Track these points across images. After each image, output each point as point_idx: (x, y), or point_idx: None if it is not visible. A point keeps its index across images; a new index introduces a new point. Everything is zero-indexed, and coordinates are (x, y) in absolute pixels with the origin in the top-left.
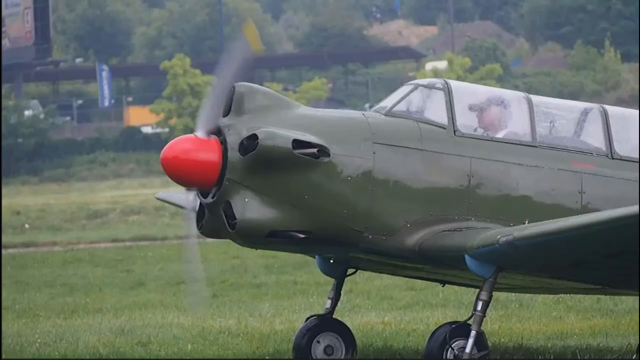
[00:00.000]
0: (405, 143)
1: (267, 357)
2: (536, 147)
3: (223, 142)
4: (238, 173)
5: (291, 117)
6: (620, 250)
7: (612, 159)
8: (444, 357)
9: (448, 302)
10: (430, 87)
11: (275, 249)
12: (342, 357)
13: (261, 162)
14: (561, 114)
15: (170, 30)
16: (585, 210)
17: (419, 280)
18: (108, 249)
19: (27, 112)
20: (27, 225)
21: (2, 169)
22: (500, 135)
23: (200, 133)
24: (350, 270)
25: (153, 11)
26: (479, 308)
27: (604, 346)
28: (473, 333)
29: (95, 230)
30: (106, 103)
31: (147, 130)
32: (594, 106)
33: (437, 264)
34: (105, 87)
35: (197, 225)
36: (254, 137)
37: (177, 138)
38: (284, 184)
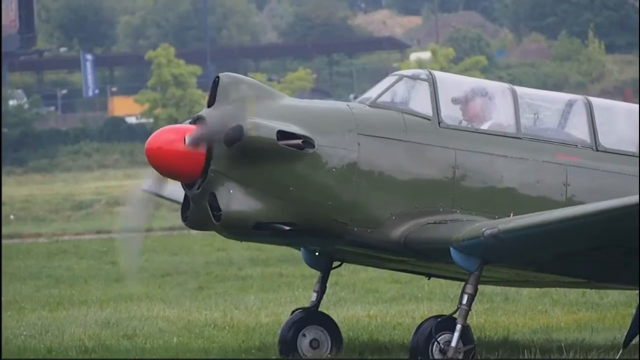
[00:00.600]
0: (390, 134)
1: (252, 350)
2: (521, 138)
3: None
4: (223, 164)
5: (276, 107)
6: (605, 243)
7: (597, 151)
8: (429, 350)
9: (433, 296)
10: (414, 78)
11: (260, 241)
12: (328, 351)
13: (246, 153)
14: (545, 106)
15: (155, 20)
16: (570, 202)
17: (404, 273)
18: (93, 241)
19: (11, 102)
20: (12, 217)
21: None
22: (484, 126)
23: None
24: (335, 263)
25: (137, 0)
26: (464, 301)
27: (589, 340)
28: (459, 327)
29: (80, 222)
30: (90, 93)
31: (131, 120)
32: (579, 98)
33: (422, 257)
34: (90, 77)
35: (182, 217)
36: (239, 128)
37: (162, 128)
38: (269, 175)
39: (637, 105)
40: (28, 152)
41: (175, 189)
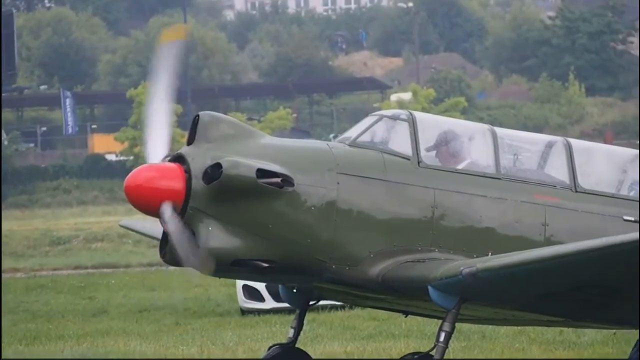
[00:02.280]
0: (370, 173)
1: None
2: (500, 179)
3: (187, 171)
4: (202, 202)
5: (255, 146)
6: (584, 283)
7: (576, 192)
8: None
9: (411, 333)
10: (394, 118)
11: (239, 278)
12: None
13: (225, 191)
14: (525, 147)
15: (136, 59)
16: (548, 242)
17: (382, 311)
18: (71, 276)
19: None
20: None
21: None
22: (464, 166)
23: (155, 158)
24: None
25: (118, 39)
26: (441, 339)
27: None
28: None
29: (58, 257)
30: (70, 130)
31: (111, 157)
32: (558, 139)
33: (400, 295)
34: (70, 114)
35: (161, 253)
36: (218, 166)
37: (141, 166)
38: (248, 213)
39: (615, 147)
40: (7, 188)
41: (153, 225)
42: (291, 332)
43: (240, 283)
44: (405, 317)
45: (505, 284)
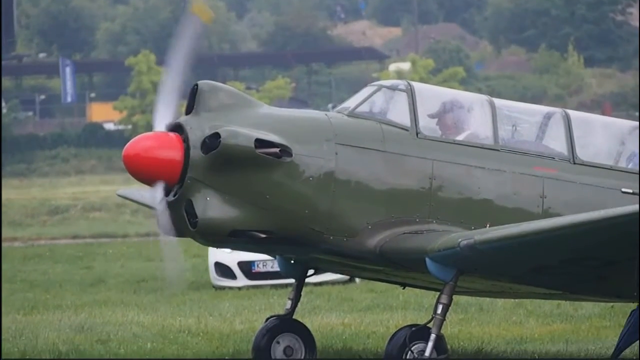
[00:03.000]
0: (368, 144)
1: (226, 357)
2: (498, 150)
3: (185, 140)
4: (200, 171)
5: (254, 116)
6: (582, 256)
7: (574, 163)
8: (403, 359)
9: (408, 305)
10: (393, 88)
11: (236, 248)
12: (302, 358)
13: (223, 161)
14: (524, 118)
15: (134, 27)
16: (546, 214)
17: (380, 282)
18: (68, 246)
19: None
20: None
21: None
22: (462, 137)
23: (161, 127)
24: (310, 272)
25: (117, 7)
26: (439, 311)
27: (563, 352)
28: (433, 336)
29: (56, 227)
30: (69, 99)
31: (109, 126)
32: (557, 110)
33: (398, 266)
34: (69, 83)
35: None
36: (216, 136)
37: (139, 135)
38: (246, 183)
39: (614, 119)
40: (5, 157)
41: (142, 192)
42: (289, 304)
43: (212, 260)
44: (403, 289)
45: (503, 256)
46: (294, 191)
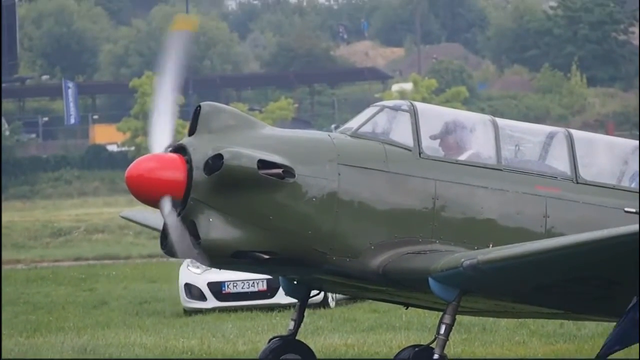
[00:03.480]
0: (371, 165)
1: None
2: (501, 170)
3: (188, 161)
4: (203, 192)
5: (257, 137)
6: (585, 275)
7: (577, 183)
8: None
9: (411, 325)
10: (396, 108)
11: (239, 269)
12: None
13: (226, 182)
14: (527, 138)
15: (137, 49)
16: (549, 234)
17: (383, 303)
18: (71, 268)
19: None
20: None
21: None
22: (465, 157)
23: (159, 149)
24: (313, 293)
25: (120, 29)
26: (442, 331)
27: None
28: (436, 357)
29: (59, 249)
30: (72, 120)
31: (112, 148)
32: (560, 130)
33: (401, 287)
34: (72, 105)
35: (162, 245)
36: (219, 157)
37: (142, 157)
38: (249, 204)
39: (617, 138)
40: (8, 179)
41: (154, 217)
42: (292, 325)
43: (182, 282)
44: (406, 309)
45: (506, 276)
46: (297, 212)
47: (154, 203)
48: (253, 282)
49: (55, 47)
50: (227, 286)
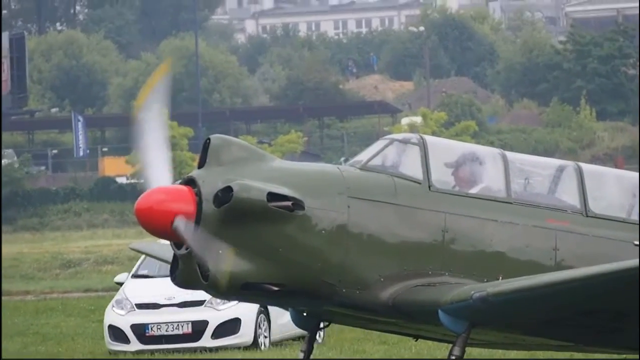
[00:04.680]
0: (380, 197)
1: None
2: (511, 203)
3: (198, 194)
4: (212, 225)
5: (266, 169)
6: (595, 308)
7: (587, 216)
8: None
9: (421, 357)
10: (405, 141)
11: (248, 301)
12: None
13: (235, 215)
14: (536, 171)
15: (146, 82)
16: (559, 267)
17: (392, 334)
18: (81, 299)
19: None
20: None
21: None
22: (475, 191)
23: (162, 183)
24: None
25: (129, 62)
26: None
27: None
28: None
29: (68, 280)
30: (81, 153)
31: (122, 180)
32: (569, 163)
33: (410, 319)
34: (81, 137)
35: (171, 276)
36: (228, 189)
37: (152, 188)
38: (258, 236)
39: (626, 172)
40: (18, 211)
41: (164, 249)
42: (301, 356)
43: (106, 323)
44: (416, 341)
45: (515, 308)
46: (307, 244)
47: (164, 235)
48: (177, 325)
49: (64, 80)
50: (151, 328)
